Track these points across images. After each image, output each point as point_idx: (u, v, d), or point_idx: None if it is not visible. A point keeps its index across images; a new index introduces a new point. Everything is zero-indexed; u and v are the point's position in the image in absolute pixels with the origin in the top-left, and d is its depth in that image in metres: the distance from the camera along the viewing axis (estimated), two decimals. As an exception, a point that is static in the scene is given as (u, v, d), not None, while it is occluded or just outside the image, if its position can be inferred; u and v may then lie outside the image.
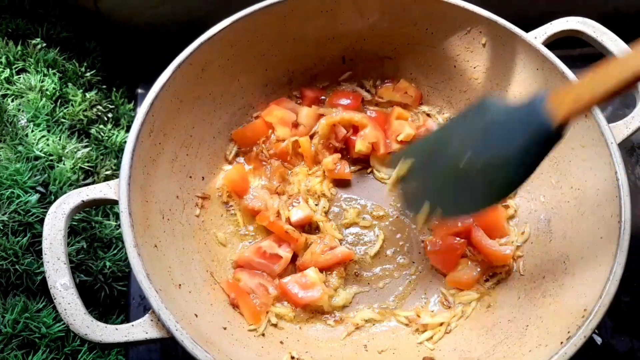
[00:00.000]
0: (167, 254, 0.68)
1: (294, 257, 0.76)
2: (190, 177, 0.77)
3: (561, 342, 0.59)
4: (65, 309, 0.58)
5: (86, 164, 0.82)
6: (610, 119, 0.70)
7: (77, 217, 0.78)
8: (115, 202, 0.64)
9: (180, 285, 0.67)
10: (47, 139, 0.81)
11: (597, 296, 0.60)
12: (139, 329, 0.59)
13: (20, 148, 0.79)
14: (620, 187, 0.65)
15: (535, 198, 0.78)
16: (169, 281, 0.65)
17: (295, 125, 0.84)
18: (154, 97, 0.68)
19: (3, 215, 0.72)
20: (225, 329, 0.68)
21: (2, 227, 0.72)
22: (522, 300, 0.71)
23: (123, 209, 0.63)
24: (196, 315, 0.65)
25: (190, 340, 0.58)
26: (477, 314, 0.73)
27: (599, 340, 0.78)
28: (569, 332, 0.60)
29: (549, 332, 0.63)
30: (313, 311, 0.74)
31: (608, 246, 0.63)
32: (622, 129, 0.70)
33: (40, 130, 0.82)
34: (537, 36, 0.74)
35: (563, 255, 0.70)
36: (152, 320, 0.60)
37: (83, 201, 0.64)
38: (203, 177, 0.80)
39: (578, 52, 0.86)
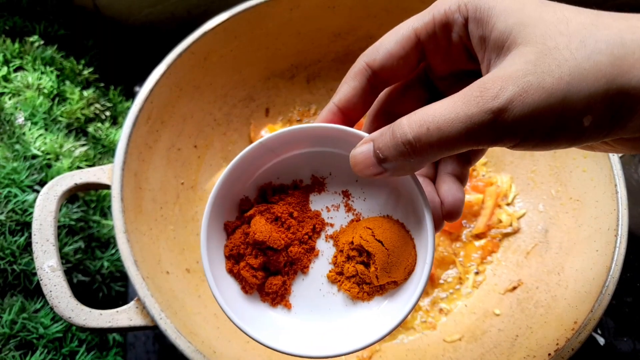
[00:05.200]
0: (158, 243, 0.68)
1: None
2: (186, 167, 0.77)
3: (549, 354, 0.59)
4: (50, 291, 0.58)
5: (84, 163, 0.82)
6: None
7: (74, 217, 0.77)
8: (107, 187, 0.64)
9: (168, 274, 0.66)
10: (45, 138, 0.81)
11: (589, 310, 0.59)
12: (124, 316, 0.59)
13: (17, 147, 0.79)
14: (619, 200, 0.64)
15: (534, 208, 0.77)
16: (157, 270, 0.65)
17: None
18: (153, 83, 0.68)
19: (0, 214, 0.72)
20: (211, 321, 0.67)
21: (-1, 227, 0.72)
22: (514, 310, 0.70)
23: (115, 194, 0.62)
24: (182, 306, 0.64)
25: (174, 329, 0.57)
26: (467, 321, 0.72)
27: (601, 341, 0.76)
28: (557, 345, 0.59)
29: (538, 344, 0.62)
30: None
31: (603, 259, 0.62)
32: (625, 141, 0.69)
33: (37, 129, 0.82)
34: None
35: (558, 267, 0.69)
36: (137, 308, 0.59)
37: (76, 184, 0.64)
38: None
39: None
